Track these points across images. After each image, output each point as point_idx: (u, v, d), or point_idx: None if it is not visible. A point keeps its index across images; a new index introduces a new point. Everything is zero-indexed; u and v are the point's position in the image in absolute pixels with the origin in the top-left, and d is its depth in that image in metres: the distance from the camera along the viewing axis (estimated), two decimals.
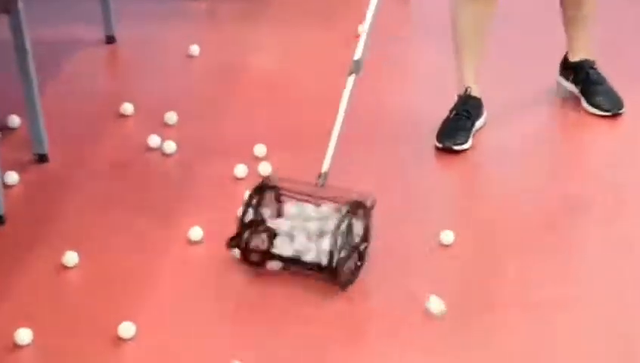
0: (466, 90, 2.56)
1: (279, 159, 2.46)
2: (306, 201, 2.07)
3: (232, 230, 2.02)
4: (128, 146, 2.76)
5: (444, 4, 2.77)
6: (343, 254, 1.96)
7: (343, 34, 3.14)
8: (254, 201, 2.05)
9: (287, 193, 2.10)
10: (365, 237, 1.99)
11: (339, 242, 1.93)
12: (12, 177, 2.53)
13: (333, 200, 2.06)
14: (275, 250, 1.99)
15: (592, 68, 2.68)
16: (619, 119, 2.72)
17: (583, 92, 2.68)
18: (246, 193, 2.10)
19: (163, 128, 2.76)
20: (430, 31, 3.31)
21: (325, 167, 2.13)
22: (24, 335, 1.98)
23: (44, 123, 2.72)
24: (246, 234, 2.01)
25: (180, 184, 2.65)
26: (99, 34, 3.30)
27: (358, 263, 2.00)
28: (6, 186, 2.49)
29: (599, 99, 2.65)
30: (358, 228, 2.00)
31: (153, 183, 2.64)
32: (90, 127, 2.86)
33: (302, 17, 2.71)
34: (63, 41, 3.43)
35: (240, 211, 2.04)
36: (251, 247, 2.02)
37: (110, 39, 3.25)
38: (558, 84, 2.76)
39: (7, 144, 2.72)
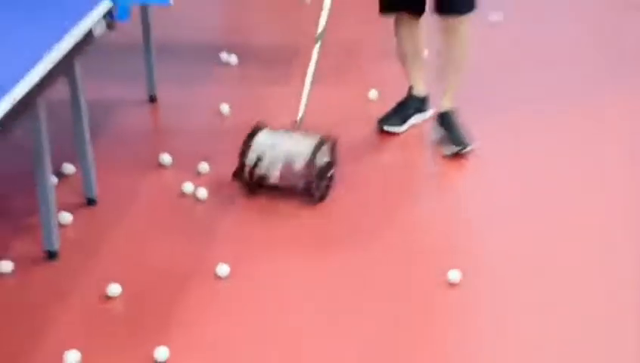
0: (410, 88, 3.02)
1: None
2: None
3: (257, 266, 2.30)
4: (166, 192, 2.93)
5: None
6: (318, 178, 2.51)
7: (354, 91, 3.41)
8: (250, 142, 2.58)
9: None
10: (332, 164, 2.55)
11: (315, 170, 2.48)
12: (66, 217, 2.69)
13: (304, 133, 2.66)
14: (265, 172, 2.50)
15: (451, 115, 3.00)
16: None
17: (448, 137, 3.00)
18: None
19: (196, 177, 2.93)
20: None
21: (300, 113, 2.72)
22: (72, 357, 2.10)
23: (94, 171, 2.87)
24: (246, 168, 2.52)
25: (210, 225, 2.79)
26: (143, 94, 3.51)
27: (329, 184, 2.56)
28: (60, 225, 2.64)
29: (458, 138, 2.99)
30: (326, 156, 2.55)
31: (186, 224, 2.78)
32: (133, 175, 3.04)
33: (320, 78, 2.88)
34: (113, 99, 3.63)
35: (240, 150, 2.55)
36: (252, 176, 2.53)
37: (152, 98, 3.46)
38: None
39: (62, 189, 2.85)
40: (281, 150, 2.59)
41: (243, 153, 2.58)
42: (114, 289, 2.35)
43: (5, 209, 2.95)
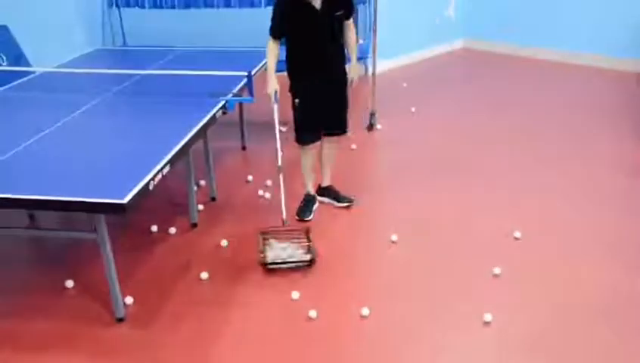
0: (309, 192, 3.93)
1: None
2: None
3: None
4: (250, 195, 4.12)
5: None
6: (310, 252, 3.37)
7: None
8: (262, 240, 3.44)
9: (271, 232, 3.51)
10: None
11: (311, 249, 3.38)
12: (200, 207, 3.94)
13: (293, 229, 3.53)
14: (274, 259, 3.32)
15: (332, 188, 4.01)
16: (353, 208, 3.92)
17: (334, 199, 3.98)
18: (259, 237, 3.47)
19: (265, 188, 4.22)
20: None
21: (284, 215, 3.57)
22: (204, 275, 3.27)
23: (215, 183, 4.09)
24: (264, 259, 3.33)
25: (273, 210, 3.77)
26: (239, 145, 4.91)
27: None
28: (198, 211, 3.85)
29: (341, 198, 3.98)
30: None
31: (260, 210, 3.87)
32: (234, 186, 4.31)
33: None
34: (224, 147, 4.90)
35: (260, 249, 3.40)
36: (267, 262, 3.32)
37: (244, 148, 4.86)
38: (320, 202, 3.98)
39: (199, 193, 4.07)
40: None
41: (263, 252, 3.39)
42: (224, 242, 3.57)
43: (174, 202, 4.01)
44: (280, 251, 3.40)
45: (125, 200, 2.46)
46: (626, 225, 3.65)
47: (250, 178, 4.35)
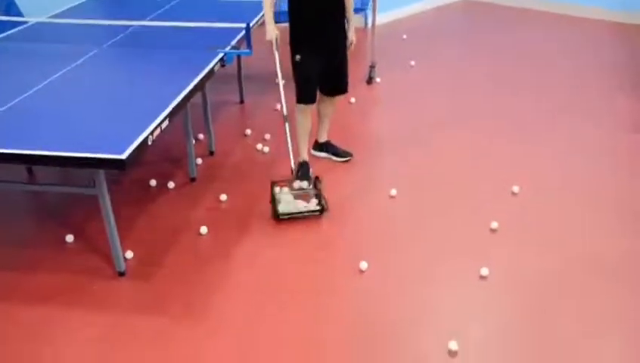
0: (304, 159, 3.75)
1: None
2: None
3: None
4: (248, 148, 4.13)
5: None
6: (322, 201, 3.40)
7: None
8: (273, 190, 3.43)
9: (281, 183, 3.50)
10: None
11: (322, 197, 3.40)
12: (199, 161, 3.94)
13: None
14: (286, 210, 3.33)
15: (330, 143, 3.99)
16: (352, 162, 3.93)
17: (333, 154, 3.96)
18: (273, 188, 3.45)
19: (264, 141, 4.21)
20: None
21: (292, 164, 3.57)
22: (204, 230, 3.23)
23: (214, 137, 4.08)
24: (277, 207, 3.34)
25: (270, 165, 3.83)
26: (237, 98, 4.88)
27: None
28: (197, 165, 3.85)
29: (340, 153, 3.96)
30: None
31: (258, 165, 3.87)
32: (232, 139, 4.30)
33: None
34: (222, 101, 4.92)
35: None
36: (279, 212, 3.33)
37: (242, 101, 4.85)
38: (317, 156, 3.96)
39: (198, 146, 4.10)
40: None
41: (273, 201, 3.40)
42: (223, 197, 3.57)
43: (172, 156, 4.01)
44: (291, 201, 3.42)
45: (124, 156, 2.46)
46: (624, 182, 3.67)
47: (248, 131, 4.34)
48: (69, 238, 3.19)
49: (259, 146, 4.13)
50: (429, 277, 2.92)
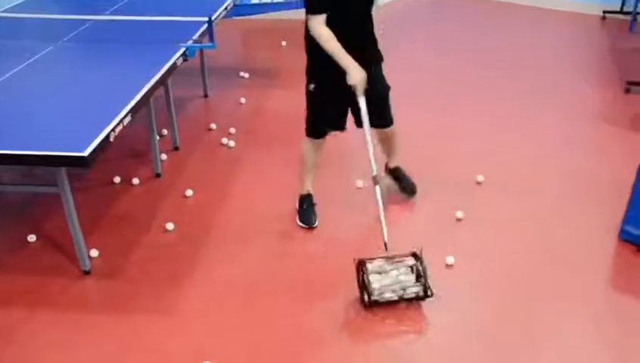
0: (308, 192, 3.34)
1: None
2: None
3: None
4: (212, 143, 4.14)
5: None
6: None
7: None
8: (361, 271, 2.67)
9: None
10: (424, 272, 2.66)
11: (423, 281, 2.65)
12: (163, 156, 3.88)
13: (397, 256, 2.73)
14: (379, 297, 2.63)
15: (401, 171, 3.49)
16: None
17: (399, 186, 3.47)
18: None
19: (229, 135, 4.19)
20: None
21: (385, 237, 2.80)
22: (170, 226, 3.15)
23: (178, 133, 4.04)
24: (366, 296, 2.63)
25: (235, 160, 3.78)
26: (201, 93, 4.84)
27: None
28: (161, 160, 3.80)
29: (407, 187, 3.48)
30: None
31: (223, 159, 3.84)
32: (197, 134, 4.24)
33: (297, 82, 3.26)
34: (185, 96, 4.83)
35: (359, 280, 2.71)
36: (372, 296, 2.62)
37: (206, 95, 4.80)
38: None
39: (162, 142, 4.02)
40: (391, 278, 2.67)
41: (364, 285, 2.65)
42: (189, 192, 3.54)
43: (136, 152, 3.94)
44: (384, 282, 2.68)
45: (86, 153, 2.40)
46: (587, 169, 3.75)
47: (212, 126, 4.30)
48: (32, 238, 3.12)
49: (224, 140, 4.09)
50: None
